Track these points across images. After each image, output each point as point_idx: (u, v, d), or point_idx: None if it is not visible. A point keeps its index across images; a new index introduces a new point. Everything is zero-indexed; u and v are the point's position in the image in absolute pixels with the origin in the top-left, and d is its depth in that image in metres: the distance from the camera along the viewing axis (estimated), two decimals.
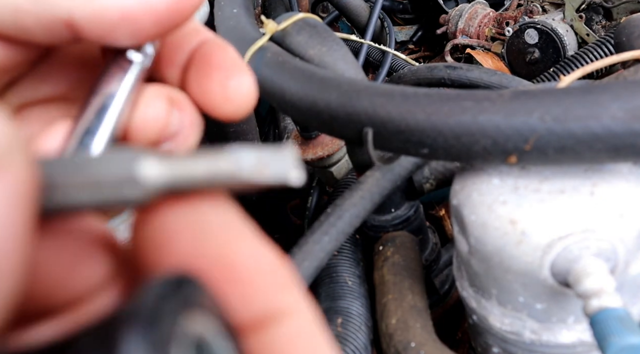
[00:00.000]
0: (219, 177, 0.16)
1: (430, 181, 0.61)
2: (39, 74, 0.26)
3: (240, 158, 0.16)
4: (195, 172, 0.16)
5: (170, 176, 0.16)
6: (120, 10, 0.21)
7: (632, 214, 0.37)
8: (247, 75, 0.23)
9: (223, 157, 0.16)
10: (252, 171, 0.16)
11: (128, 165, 0.15)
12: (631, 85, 0.35)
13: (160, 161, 0.16)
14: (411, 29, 1.35)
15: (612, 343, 0.31)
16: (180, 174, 0.16)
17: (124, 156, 0.15)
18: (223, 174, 0.16)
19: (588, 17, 1.01)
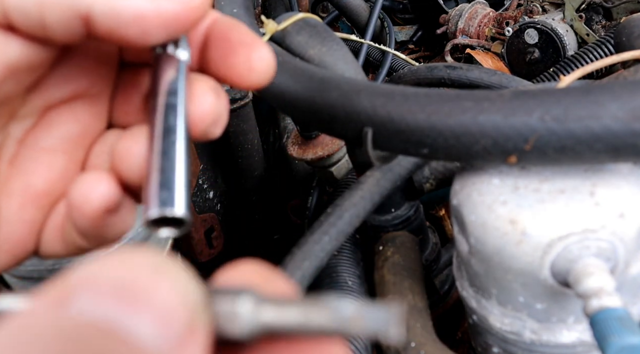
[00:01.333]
0: (316, 325, 0.16)
1: (430, 181, 0.61)
2: (60, 74, 0.27)
3: (339, 309, 0.16)
4: (293, 319, 0.16)
5: (269, 320, 0.16)
6: (135, 10, 0.23)
7: (632, 214, 0.37)
8: (266, 48, 0.26)
9: (322, 306, 0.16)
10: (350, 324, 0.16)
11: (231, 303, 0.16)
12: (631, 85, 0.35)
13: (259, 303, 0.16)
14: (411, 28, 1.35)
15: (612, 343, 0.31)
16: (278, 319, 0.16)
17: (230, 299, 0.16)
18: (320, 323, 0.16)
19: (588, 17, 1.01)
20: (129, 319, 0.13)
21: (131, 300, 0.13)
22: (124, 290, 0.13)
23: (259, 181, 1.04)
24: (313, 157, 0.80)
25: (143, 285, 0.14)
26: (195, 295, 0.15)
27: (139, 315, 0.13)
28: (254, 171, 1.02)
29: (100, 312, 0.13)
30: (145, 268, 0.14)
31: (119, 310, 0.13)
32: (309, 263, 0.49)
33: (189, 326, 0.14)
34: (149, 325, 0.13)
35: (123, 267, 0.14)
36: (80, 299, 0.13)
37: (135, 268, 0.14)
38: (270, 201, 1.08)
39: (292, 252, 0.50)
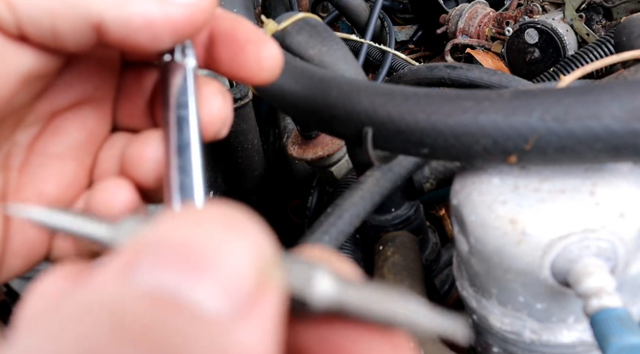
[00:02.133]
0: (388, 314, 0.16)
1: (430, 181, 0.61)
2: (65, 80, 0.27)
3: (417, 310, 0.16)
4: (367, 302, 0.16)
5: (346, 296, 0.16)
6: (145, 17, 0.23)
7: (633, 213, 0.37)
8: (272, 44, 0.26)
9: (401, 301, 0.16)
10: (424, 325, 0.16)
11: (310, 271, 0.16)
12: (631, 85, 0.35)
13: (337, 278, 0.16)
14: (411, 28, 1.35)
15: (612, 342, 0.31)
16: (353, 298, 0.16)
17: (306, 268, 0.16)
18: (394, 312, 0.16)
19: (588, 17, 1.01)
20: (191, 288, 0.12)
21: (196, 265, 0.12)
22: (190, 254, 0.12)
23: (259, 181, 1.04)
24: (313, 157, 0.80)
25: (211, 247, 0.13)
26: (268, 255, 0.14)
27: (203, 283, 0.12)
28: (254, 171, 1.02)
29: (163, 281, 0.12)
30: (215, 226, 0.13)
31: (182, 278, 0.12)
32: None
33: (259, 287, 0.13)
34: (212, 294, 0.12)
35: (191, 227, 0.13)
36: (143, 267, 0.12)
37: (203, 227, 0.13)
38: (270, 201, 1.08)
39: None
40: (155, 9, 0.23)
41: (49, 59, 0.25)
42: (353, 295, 0.16)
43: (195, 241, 0.13)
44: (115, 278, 0.12)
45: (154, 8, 0.23)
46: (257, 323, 0.13)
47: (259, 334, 0.12)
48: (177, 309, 0.12)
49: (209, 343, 0.12)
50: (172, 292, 0.12)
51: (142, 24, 0.23)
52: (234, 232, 0.13)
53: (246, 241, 0.13)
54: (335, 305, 0.16)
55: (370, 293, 0.16)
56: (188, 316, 0.12)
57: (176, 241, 0.13)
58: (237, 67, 0.26)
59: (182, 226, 0.13)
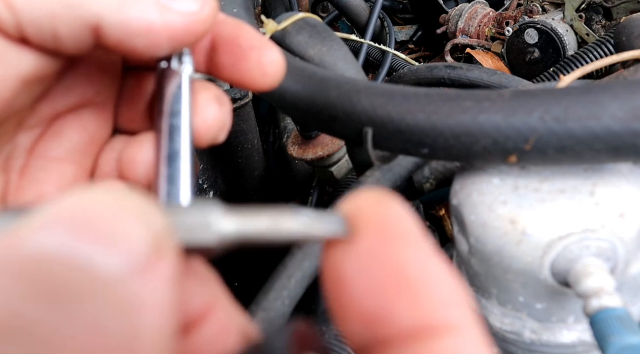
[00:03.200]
0: (284, 230, 0.18)
1: (430, 181, 0.61)
2: (66, 83, 0.27)
3: (303, 214, 0.18)
4: (262, 226, 0.18)
5: (240, 229, 0.18)
6: (144, 22, 0.23)
7: (632, 213, 0.37)
8: (275, 49, 0.26)
9: (288, 213, 0.18)
10: (312, 227, 0.18)
11: (201, 214, 0.17)
12: (631, 85, 0.35)
13: (231, 215, 0.18)
14: (411, 28, 1.35)
15: (612, 342, 0.31)
16: (247, 226, 0.18)
17: (202, 208, 0.17)
18: (284, 230, 0.18)
19: (588, 17, 1.01)
20: (88, 249, 0.13)
21: (90, 230, 0.13)
22: (83, 222, 0.13)
23: (259, 181, 1.04)
24: (313, 157, 0.80)
25: (103, 215, 0.13)
26: (159, 220, 0.15)
27: (99, 244, 0.13)
28: (254, 171, 1.02)
29: (57, 244, 0.13)
30: (106, 199, 0.14)
31: (78, 241, 0.13)
32: (308, 263, 0.49)
33: (155, 251, 0.14)
34: (110, 253, 0.13)
35: (82, 202, 0.14)
36: (36, 233, 0.13)
37: (95, 200, 0.14)
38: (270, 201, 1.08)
39: (292, 252, 0.50)
40: (155, 15, 0.23)
41: (49, 61, 0.25)
42: (247, 222, 0.18)
43: (87, 210, 0.13)
44: (7, 242, 0.13)
45: (154, 14, 0.23)
46: (154, 280, 0.13)
47: (156, 290, 0.13)
48: (78, 269, 0.12)
49: (109, 295, 0.12)
50: (71, 253, 0.13)
51: (141, 29, 0.23)
52: (125, 203, 0.14)
53: (136, 209, 0.14)
54: (234, 239, 0.18)
55: (265, 216, 0.18)
56: (91, 274, 0.12)
57: (69, 211, 0.13)
58: (239, 73, 0.26)
59: (73, 200, 0.14)
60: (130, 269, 0.13)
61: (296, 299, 0.48)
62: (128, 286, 0.13)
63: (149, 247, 0.14)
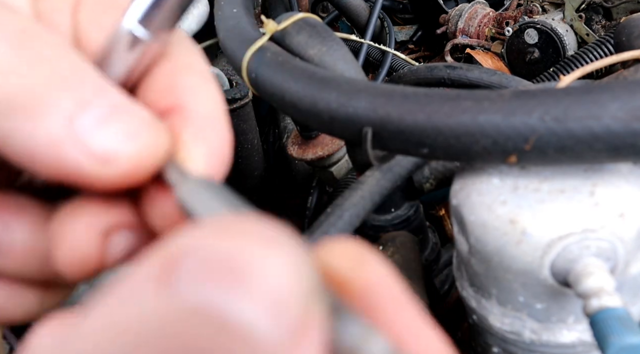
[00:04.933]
0: None
1: (430, 181, 0.61)
2: None
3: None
4: None
5: None
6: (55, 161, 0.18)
7: (632, 214, 0.37)
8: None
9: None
10: None
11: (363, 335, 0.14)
12: (631, 85, 0.35)
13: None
14: (411, 28, 1.35)
15: (612, 342, 0.31)
16: None
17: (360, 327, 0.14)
18: None
19: (588, 17, 1.01)
20: (237, 305, 0.11)
21: (242, 280, 0.11)
22: (234, 266, 0.11)
23: (259, 181, 1.04)
24: (313, 157, 0.80)
25: (253, 261, 0.11)
26: (311, 280, 0.12)
27: (248, 300, 0.11)
28: (254, 171, 1.02)
29: (208, 295, 0.11)
30: (256, 239, 0.12)
31: (225, 293, 0.11)
32: None
33: (303, 318, 0.11)
34: (260, 314, 0.11)
35: (230, 237, 0.12)
36: (184, 277, 0.11)
37: (244, 239, 0.12)
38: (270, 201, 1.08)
39: None
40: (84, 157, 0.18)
41: None
42: None
43: (236, 252, 0.11)
44: (152, 289, 0.11)
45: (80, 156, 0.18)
46: (308, 349, 0.11)
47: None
48: (226, 329, 0.11)
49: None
50: (220, 308, 0.11)
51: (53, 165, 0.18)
52: (276, 249, 0.12)
53: (289, 261, 0.12)
54: None
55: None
56: (240, 337, 0.11)
57: (216, 248, 0.11)
58: None
59: (220, 232, 0.12)
60: (285, 337, 0.11)
61: None
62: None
63: (301, 309, 0.11)
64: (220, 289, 0.11)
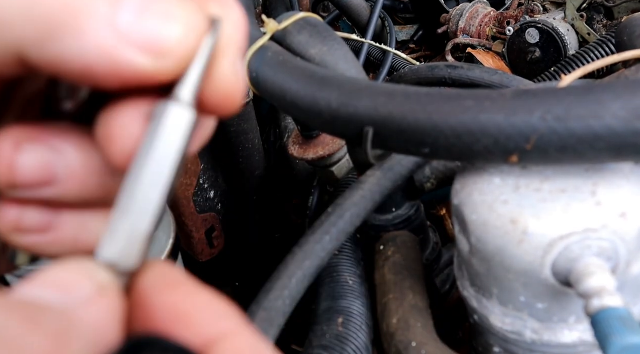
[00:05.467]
0: None
1: (431, 181, 0.61)
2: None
3: None
4: None
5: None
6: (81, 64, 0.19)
7: (634, 213, 0.37)
8: None
9: None
10: None
11: None
12: (633, 84, 0.35)
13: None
14: (412, 28, 1.35)
15: (613, 342, 0.31)
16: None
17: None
18: None
19: (589, 17, 1.01)
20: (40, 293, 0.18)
21: (44, 283, 0.19)
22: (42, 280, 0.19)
23: (259, 181, 1.04)
24: (314, 157, 0.80)
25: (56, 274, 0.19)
26: (100, 275, 0.20)
27: (47, 289, 0.18)
28: (255, 171, 1.02)
29: (24, 293, 0.18)
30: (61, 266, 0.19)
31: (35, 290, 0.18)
32: (309, 263, 0.49)
33: (96, 292, 0.19)
34: (53, 293, 0.18)
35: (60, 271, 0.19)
36: (17, 290, 0.18)
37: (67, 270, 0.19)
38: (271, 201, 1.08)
39: (293, 252, 0.50)
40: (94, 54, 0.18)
41: None
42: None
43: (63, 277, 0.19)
44: (15, 290, 0.18)
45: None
46: (94, 310, 0.18)
47: (93, 315, 0.18)
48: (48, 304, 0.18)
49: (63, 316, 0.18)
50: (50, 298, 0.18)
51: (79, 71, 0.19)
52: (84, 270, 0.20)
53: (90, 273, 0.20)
54: None
55: None
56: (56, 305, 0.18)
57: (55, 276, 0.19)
58: None
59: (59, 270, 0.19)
60: (79, 303, 0.18)
61: (297, 299, 0.48)
62: (75, 312, 0.18)
63: (91, 291, 0.19)
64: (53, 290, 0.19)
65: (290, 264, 0.49)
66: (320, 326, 0.55)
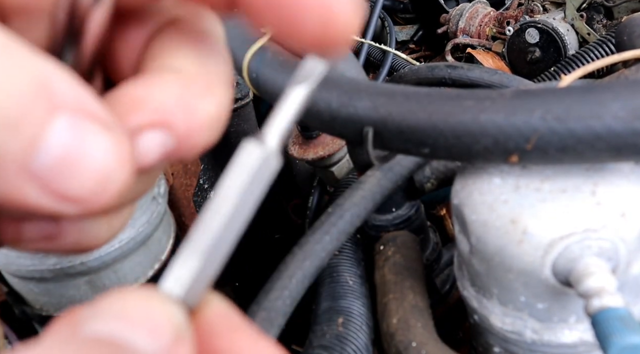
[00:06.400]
0: None
1: (431, 181, 0.61)
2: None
3: None
4: None
5: None
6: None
7: (634, 213, 0.37)
8: None
9: None
10: None
11: None
12: (633, 84, 0.35)
13: None
14: (412, 28, 1.35)
15: (613, 342, 0.31)
16: None
17: None
18: None
19: (589, 17, 1.01)
20: (129, 334, 0.17)
21: (130, 321, 0.17)
22: (124, 315, 0.17)
23: None
24: (314, 157, 0.80)
25: (138, 310, 0.18)
26: (179, 316, 0.19)
27: (137, 330, 0.17)
28: None
29: (107, 330, 0.17)
30: (139, 299, 0.18)
31: (121, 328, 0.17)
32: (309, 263, 0.49)
33: (176, 337, 0.18)
34: (144, 337, 0.17)
35: (121, 303, 0.18)
36: (89, 323, 0.17)
37: (130, 301, 0.18)
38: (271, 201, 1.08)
39: (293, 252, 0.50)
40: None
41: None
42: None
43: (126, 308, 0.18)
44: (67, 330, 0.17)
45: None
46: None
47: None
48: (122, 349, 0.17)
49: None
50: (116, 337, 0.17)
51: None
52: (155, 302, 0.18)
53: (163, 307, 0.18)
54: None
55: None
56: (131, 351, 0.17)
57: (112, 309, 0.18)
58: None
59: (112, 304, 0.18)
60: (162, 349, 0.17)
61: (297, 299, 0.48)
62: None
63: (173, 336, 0.18)
64: (115, 326, 0.17)
65: (290, 264, 0.49)
66: (320, 326, 0.55)
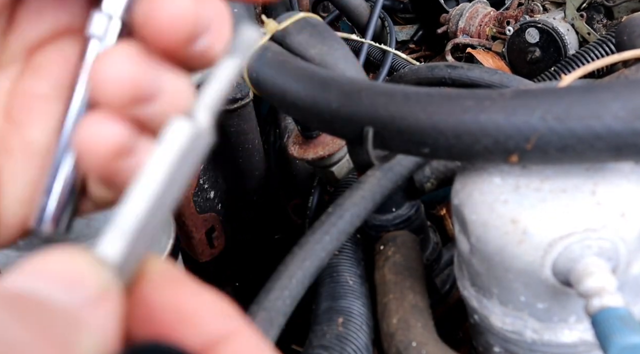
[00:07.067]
0: None
1: (431, 180, 0.61)
2: (31, 9, 0.25)
3: None
4: None
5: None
6: None
7: (634, 213, 0.37)
8: None
9: None
10: None
11: None
12: (633, 84, 0.35)
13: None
14: (412, 28, 1.35)
15: (614, 342, 0.31)
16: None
17: None
18: None
19: (589, 16, 1.01)
20: (44, 288, 0.17)
21: (46, 276, 0.17)
22: (42, 271, 0.18)
23: (259, 181, 1.03)
24: (314, 157, 0.80)
25: (59, 267, 0.18)
26: (105, 274, 0.18)
27: (52, 284, 0.17)
28: (255, 171, 1.02)
29: (23, 286, 0.17)
30: (62, 258, 0.18)
31: (36, 283, 0.17)
32: (309, 263, 0.49)
33: (100, 293, 0.18)
34: (59, 291, 0.17)
35: (43, 261, 0.18)
36: (7, 280, 0.17)
37: (63, 260, 0.18)
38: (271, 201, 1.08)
39: (293, 252, 0.50)
40: None
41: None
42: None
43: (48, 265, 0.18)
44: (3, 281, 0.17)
45: None
46: (100, 311, 0.18)
47: (101, 317, 0.18)
48: (37, 303, 0.16)
49: (67, 319, 0.17)
50: (34, 292, 0.17)
51: None
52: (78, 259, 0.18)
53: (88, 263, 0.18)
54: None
55: None
56: (46, 308, 0.17)
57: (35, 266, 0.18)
58: None
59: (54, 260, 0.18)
60: (84, 304, 0.17)
61: (297, 299, 0.48)
62: (82, 314, 0.17)
63: (95, 291, 0.18)
64: (34, 281, 0.17)
65: (290, 264, 0.49)
66: (320, 326, 0.55)
